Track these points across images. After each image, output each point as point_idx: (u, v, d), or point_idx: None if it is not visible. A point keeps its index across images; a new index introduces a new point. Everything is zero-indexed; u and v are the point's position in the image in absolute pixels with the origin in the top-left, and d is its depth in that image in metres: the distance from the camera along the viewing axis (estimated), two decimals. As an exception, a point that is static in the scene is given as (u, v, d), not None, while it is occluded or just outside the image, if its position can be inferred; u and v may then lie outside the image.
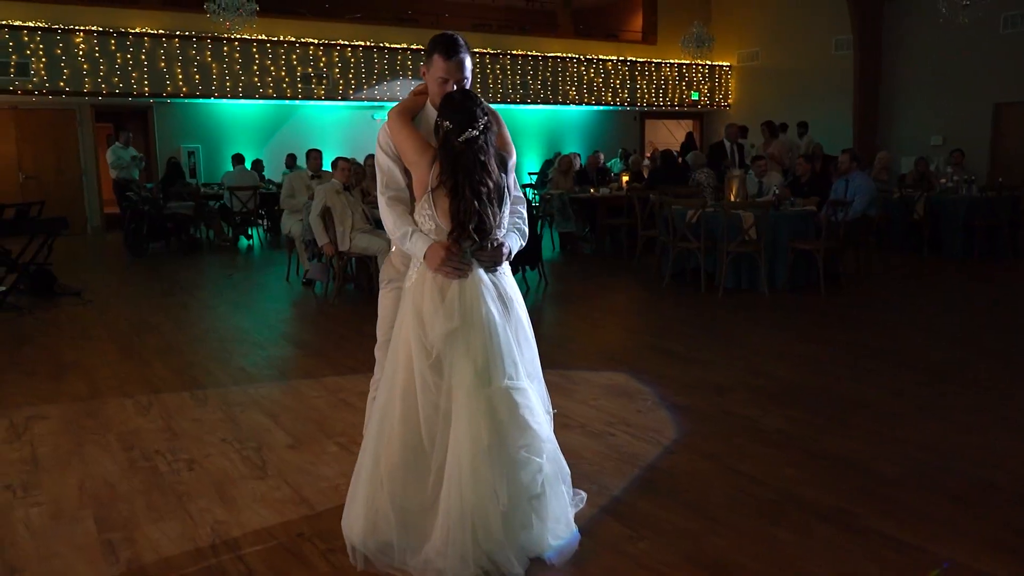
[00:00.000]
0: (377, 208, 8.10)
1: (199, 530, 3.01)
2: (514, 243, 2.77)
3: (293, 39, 14.46)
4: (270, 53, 14.19)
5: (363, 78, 15.24)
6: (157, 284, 8.84)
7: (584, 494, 3.16)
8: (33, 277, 7.90)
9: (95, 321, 6.83)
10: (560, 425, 4.03)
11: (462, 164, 2.58)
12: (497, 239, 2.67)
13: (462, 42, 2.76)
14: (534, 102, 17.21)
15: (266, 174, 13.60)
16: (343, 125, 15.53)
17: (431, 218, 2.64)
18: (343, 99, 15.12)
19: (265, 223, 13.09)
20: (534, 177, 15.48)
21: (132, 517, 3.13)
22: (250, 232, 12.63)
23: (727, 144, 11.69)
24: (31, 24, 12.30)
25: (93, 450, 3.84)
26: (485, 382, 2.58)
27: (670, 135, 20.01)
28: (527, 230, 2.85)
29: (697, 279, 7.80)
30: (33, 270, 7.84)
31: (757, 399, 4.52)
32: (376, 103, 15.61)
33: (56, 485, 3.45)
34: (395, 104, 2.91)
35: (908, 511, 3.11)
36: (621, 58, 18.12)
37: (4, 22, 12.13)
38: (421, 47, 15.58)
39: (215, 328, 6.59)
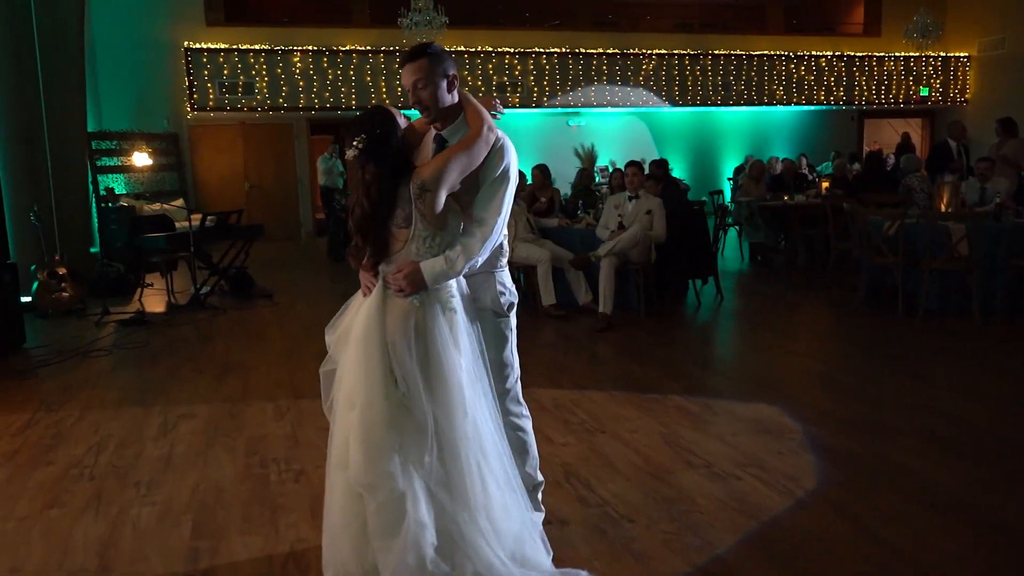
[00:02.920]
0: (543, 217, 7.96)
1: (278, 547, 3.01)
2: (430, 268, 2.48)
3: (490, 49, 14.76)
4: (467, 63, 14.58)
5: (558, 85, 15.25)
6: (342, 288, 9.30)
7: None
8: (234, 279, 8.60)
9: (274, 323, 7.29)
10: (682, 463, 3.67)
11: (354, 182, 2.57)
12: (399, 263, 2.50)
13: (420, 49, 2.59)
14: (737, 103, 16.35)
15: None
16: (537, 132, 15.61)
17: None
18: (537, 106, 15.21)
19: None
20: (731, 183, 14.69)
21: (225, 526, 3.20)
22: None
23: (952, 144, 10.35)
24: (257, 47, 13.52)
25: (219, 453, 4.01)
26: (351, 404, 2.47)
27: (896, 135, 18.18)
28: (466, 257, 2.51)
29: (894, 299, 6.90)
30: (233, 273, 8.54)
31: (931, 449, 3.84)
32: (571, 109, 15.57)
33: (175, 485, 3.62)
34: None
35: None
36: (837, 53, 16.74)
37: (235, 46, 13.44)
38: (618, 51, 15.37)
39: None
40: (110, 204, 10.91)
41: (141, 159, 11.96)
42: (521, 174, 7.64)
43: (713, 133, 16.84)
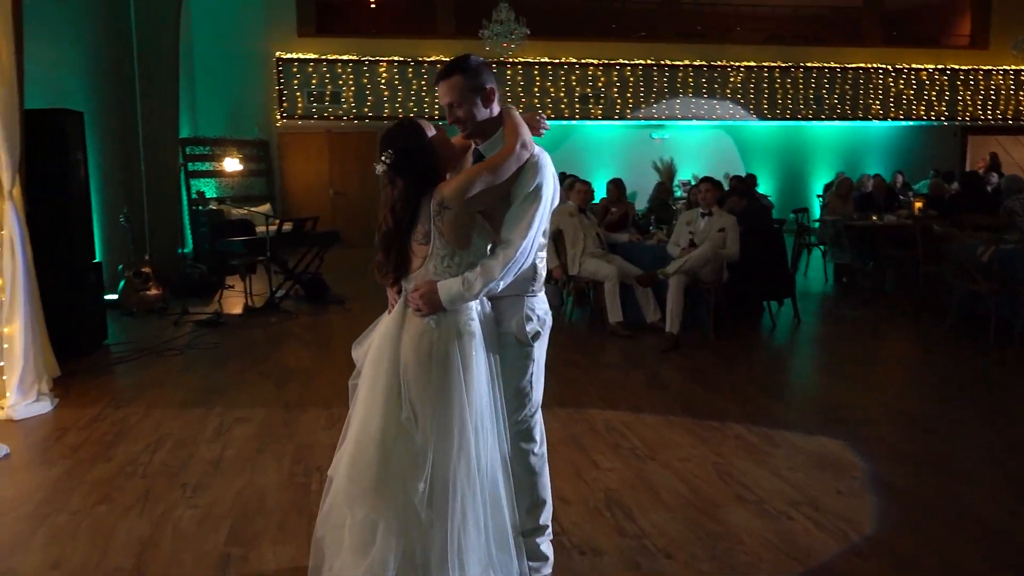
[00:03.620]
0: (614, 232, 7.82)
1: (307, 558, 2.98)
2: (447, 289, 2.40)
3: (573, 60, 14.70)
4: (550, 75, 14.57)
5: (642, 97, 15.06)
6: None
7: None
8: (308, 284, 8.79)
9: (343, 330, 7.38)
10: (733, 496, 3.51)
11: (383, 196, 2.49)
12: (417, 282, 2.45)
13: (453, 65, 2.55)
14: (829, 118, 15.78)
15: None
16: (619, 145, 15.43)
17: None
18: (620, 118, 15.05)
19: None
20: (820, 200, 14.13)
21: (261, 534, 3.22)
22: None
23: (1061, 165, 9.67)
24: (344, 57, 13.86)
25: (268, 459, 4.06)
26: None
27: (1006, 154, 17.15)
28: (485, 280, 2.40)
29: (986, 328, 6.46)
30: (308, 279, 8.72)
31: (1007, 497, 3.55)
32: (654, 122, 15.34)
33: (220, 489, 3.67)
34: None
35: None
36: (940, 66, 15.96)
37: (324, 56, 13.80)
38: (705, 63, 15.07)
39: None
40: (200, 207, 11.37)
41: (232, 165, 12.43)
42: (589, 188, 7.54)
43: (803, 148, 16.27)
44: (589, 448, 4.17)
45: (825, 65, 15.64)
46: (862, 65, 15.73)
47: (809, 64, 15.59)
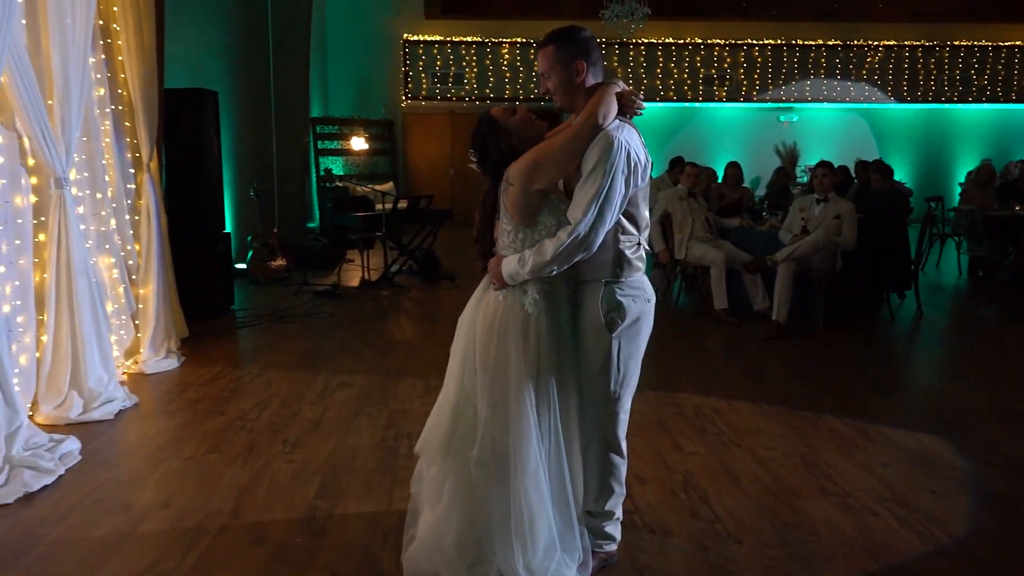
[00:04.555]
0: (723, 217, 7.67)
1: (388, 517, 3.16)
2: (507, 265, 2.49)
3: (699, 40, 14.36)
4: (674, 55, 14.29)
5: (770, 78, 14.53)
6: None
7: None
8: (421, 261, 9.08)
9: (450, 305, 7.60)
10: (815, 488, 3.43)
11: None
12: (488, 258, 2.62)
13: (550, 35, 2.58)
14: (977, 100, 14.71)
15: (653, 174, 13.76)
16: (744, 127, 14.98)
17: None
18: (746, 100, 14.60)
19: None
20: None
21: (347, 491, 3.42)
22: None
23: None
24: (468, 39, 14.10)
25: (363, 421, 4.28)
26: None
27: None
28: (537, 259, 2.43)
29: None
30: (420, 255, 9.01)
31: (1125, 510, 3.28)
32: (783, 104, 14.78)
33: (316, 447, 3.91)
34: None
35: None
36: (1110, 44, 14.55)
37: (449, 38, 14.10)
38: (840, 43, 14.37)
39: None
40: (328, 184, 11.92)
41: (358, 143, 12.94)
42: (698, 171, 7.37)
43: (946, 133, 15.24)
44: (674, 431, 4.16)
45: (976, 43, 14.57)
46: (1018, 43, 14.54)
47: (957, 43, 14.56)
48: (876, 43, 14.50)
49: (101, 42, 5.06)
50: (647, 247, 2.65)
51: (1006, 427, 4.31)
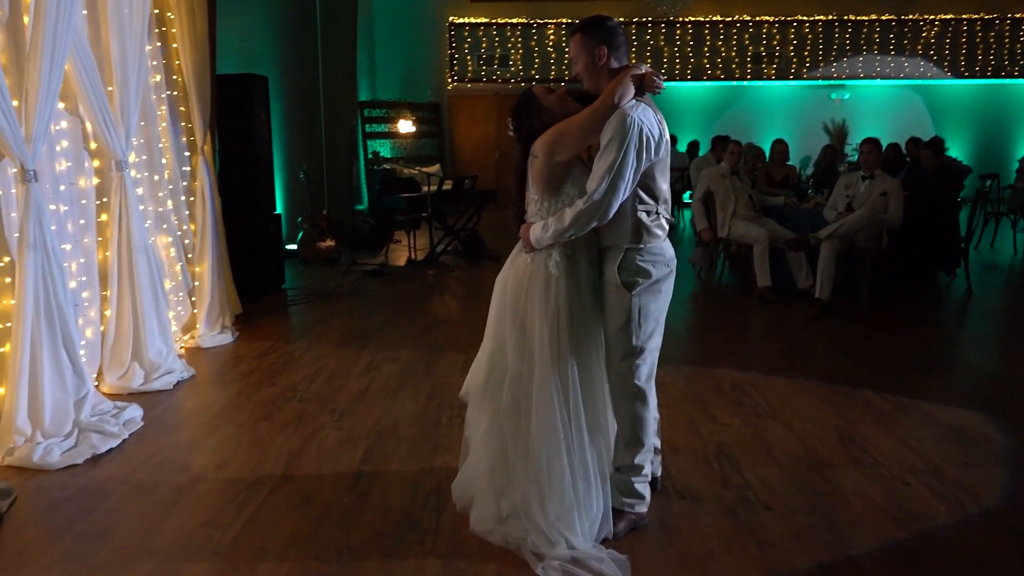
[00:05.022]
0: (767, 195, 7.61)
1: (428, 480, 3.31)
2: (534, 230, 2.74)
3: (747, 18, 14.16)
4: (722, 34, 14.12)
5: (820, 55, 14.27)
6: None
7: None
8: (466, 241, 9.21)
9: (493, 283, 7.70)
10: (848, 459, 3.49)
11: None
12: (523, 220, 2.82)
13: (580, 22, 2.81)
14: (1041, 74, 14.22)
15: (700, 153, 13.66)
16: (794, 105, 14.73)
17: None
18: (795, 78, 14.37)
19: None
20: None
21: (391, 457, 3.57)
22: (674, 214, 12.79)
23: None
24: (514, 20, 14.14)
25: (407, 393, 4.44)
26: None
27: None
28: (557, 225, 2.65)
29: None
30: (465, 235, 9.15)
31: None
32: (834, 81, 14.51)
33: (362, 416, 4.08)
34: None
35: None
36: None
37: (494, 20, 14.15)
38: (894, 17, 14.03)
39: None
40: (376, 167, 12.13)
41: (405, 126, 13.09)
42: (741, 148, 7.33)
43: (1006, 109, 14.76)
44: (710, 404, 4.22)
45: (1039, 15, 14.09)
46: (1083, 14, 14.03)
47: (1018, 15, 14.09)
48: (932, 17, 14.11)
49: (156, 30, 5.28)
50: (668, 217, 2.83)
51: (1049, 403, 4.28)
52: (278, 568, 2.66)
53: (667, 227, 2.83)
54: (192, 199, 5.70)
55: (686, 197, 11.63)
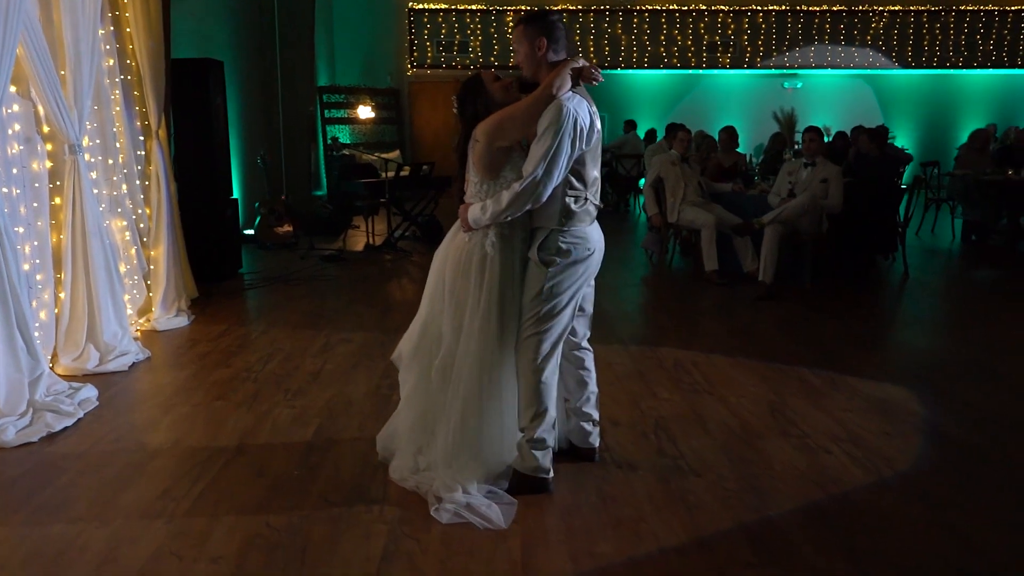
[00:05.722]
0: (720, 182, 7.81)
1: (376, 455, 3.44)
2: (472, 211, 2.91)
3: (703, 8, 14.39)
4: (678, 22, 14.33)
5: (774, 45, 14.57)
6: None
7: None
8: (424, 226, 9.31)
9: (450, 268, 7.85)
10: (777, 431, 3.69)
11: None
12: (463, 199, 3.00)
13: (523, 15, 3.03)
14: (982, 65, 14.70)
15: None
16: (747, 94, 15.03)
17: None
18: (749, 67, 14.65)
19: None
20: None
21: (342, 432, 3.70)
22: (629, 200, 12.97)
23: None
24: (472, 7, 14.20)
25: (360, 374, 4.56)
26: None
27: None
28: (494, 207, 2.84)
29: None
30: (423, 221, 9.25)
31: (1065, 450, 3.52)
32: (787, 70, 14.82)
33: (315, 395, 4.20)
34: None
35: None
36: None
37: (453, 6, 14.19)
38: (844, 8, 14.36)
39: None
40: (335, 153, 12.14)
41: (365, 112, 13.11)
42: (689, 136, 7.53)
43: (951, 99, 15.22)
44: (652, 381, 4.42)
45: (981, 8, 14.53)
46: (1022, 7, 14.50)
47: (963, 8, 14.52)
48: (881, 8, 14.48)
49: (110, 14, 5.29)
50: (596, 203, 3.03)
51: (975, 382, 4.52)
52: (230, 535, 2.78)
53: (594, 212, 3.04)
54: (147, 183, 5.72)
55: (642, 183, 11.82)
